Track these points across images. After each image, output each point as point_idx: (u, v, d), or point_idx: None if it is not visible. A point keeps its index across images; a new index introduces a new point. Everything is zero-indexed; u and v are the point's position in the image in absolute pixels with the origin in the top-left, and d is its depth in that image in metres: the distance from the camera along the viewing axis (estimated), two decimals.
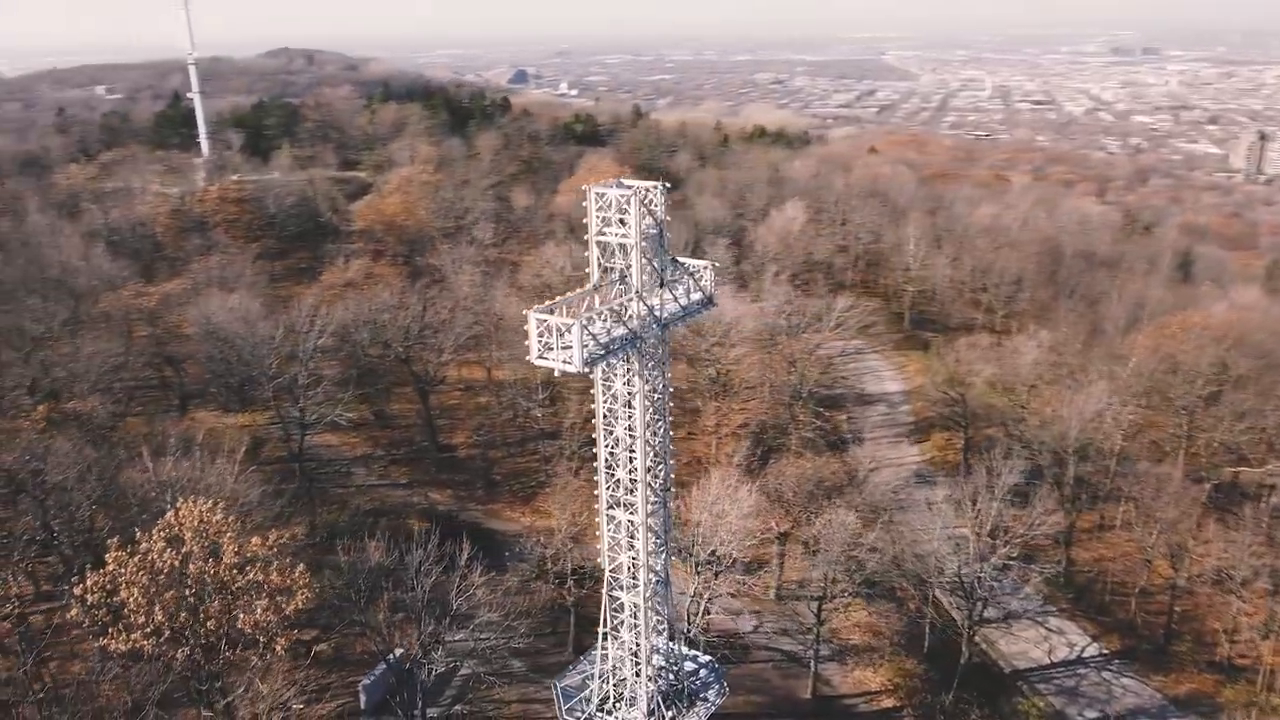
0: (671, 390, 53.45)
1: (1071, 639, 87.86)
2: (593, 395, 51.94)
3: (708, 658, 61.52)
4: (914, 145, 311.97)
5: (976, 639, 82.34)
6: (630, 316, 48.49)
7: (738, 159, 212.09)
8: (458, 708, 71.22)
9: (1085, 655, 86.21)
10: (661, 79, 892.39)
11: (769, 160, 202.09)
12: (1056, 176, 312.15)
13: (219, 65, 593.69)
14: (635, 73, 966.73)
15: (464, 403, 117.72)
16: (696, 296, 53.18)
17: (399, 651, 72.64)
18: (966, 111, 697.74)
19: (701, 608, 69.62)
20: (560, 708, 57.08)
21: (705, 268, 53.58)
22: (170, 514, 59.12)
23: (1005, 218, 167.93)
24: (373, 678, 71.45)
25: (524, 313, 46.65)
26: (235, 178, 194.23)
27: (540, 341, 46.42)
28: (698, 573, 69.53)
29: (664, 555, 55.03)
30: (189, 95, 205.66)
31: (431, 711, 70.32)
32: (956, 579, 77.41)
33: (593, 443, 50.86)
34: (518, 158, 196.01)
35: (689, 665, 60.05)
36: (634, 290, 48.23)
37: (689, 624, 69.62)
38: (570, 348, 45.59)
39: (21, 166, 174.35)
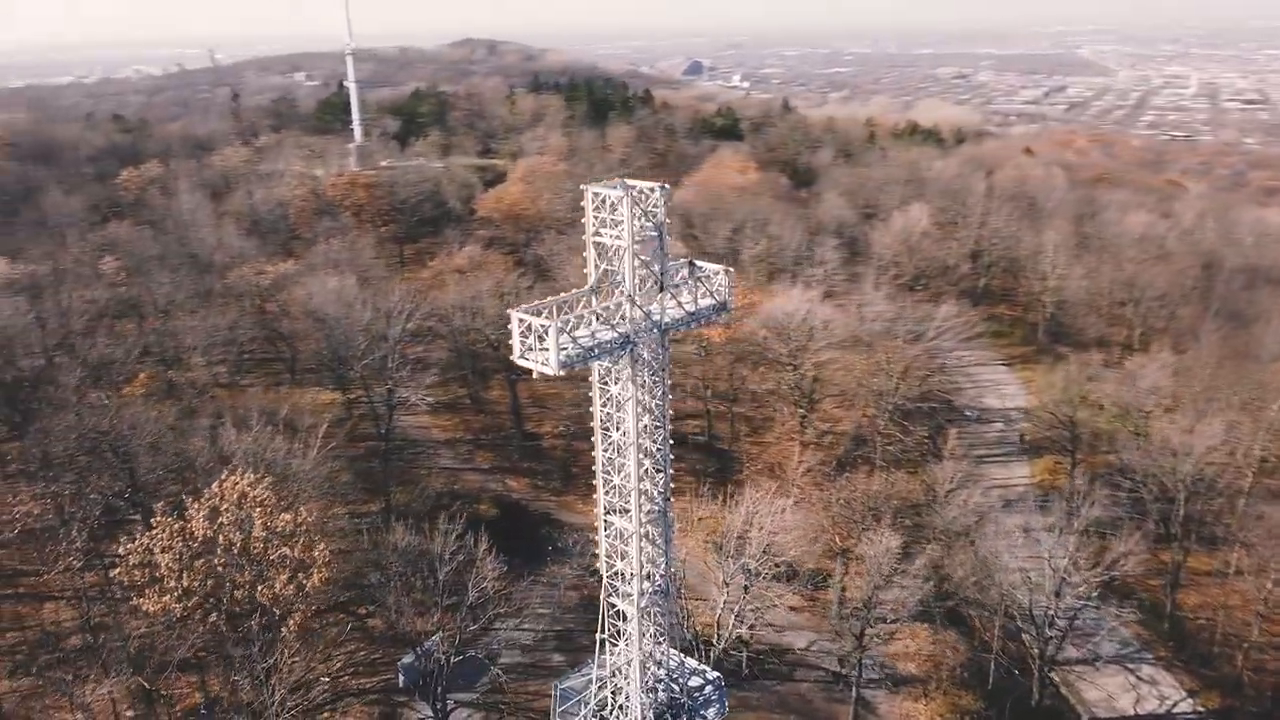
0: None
1: (1164, 690, 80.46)
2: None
3: (716, 674, 59.58)
4: (1095, 146, 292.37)
5: (1053, 680, 76.90)
6: (622, 320, 47.35)
7: (881, 157, 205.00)
8: (485, 696, 71.79)
9: (1178, 711, 78.81)
10: (837, 72, 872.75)
11: (909, 159, 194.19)
12: (1258, 183, 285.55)
13: (407, 54, 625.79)
14: (811, 66, 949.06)
15: (561, 392, 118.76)
16: (707, 302, 51.45)
17: (439, 635, 74.16)
18: (1166, 110, 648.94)
19: (731, 622, 67.53)
20: (555, 708, 56.67)
21: (720, 272, 51.70)
22: (215, 485, 62.29)
23: (1161, 227, 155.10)
24: (411, 658, 73.08)
25: (510, 311, 46.36)
26: (386, 163, 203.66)
27: (522, 341, 46.01)
28: (726, 584, 67.51)
29: (664, 565, 53.61)
30: (346, 84, 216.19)
31: (465, 696, 71.52)
32: (1027, 612, 72.38)
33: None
34: (652, 150, 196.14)
35: (695, 680, 58.38)
36: (626, 293, 47.09)
37: (718, 637, 67.84)
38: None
39: (192, 148, 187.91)
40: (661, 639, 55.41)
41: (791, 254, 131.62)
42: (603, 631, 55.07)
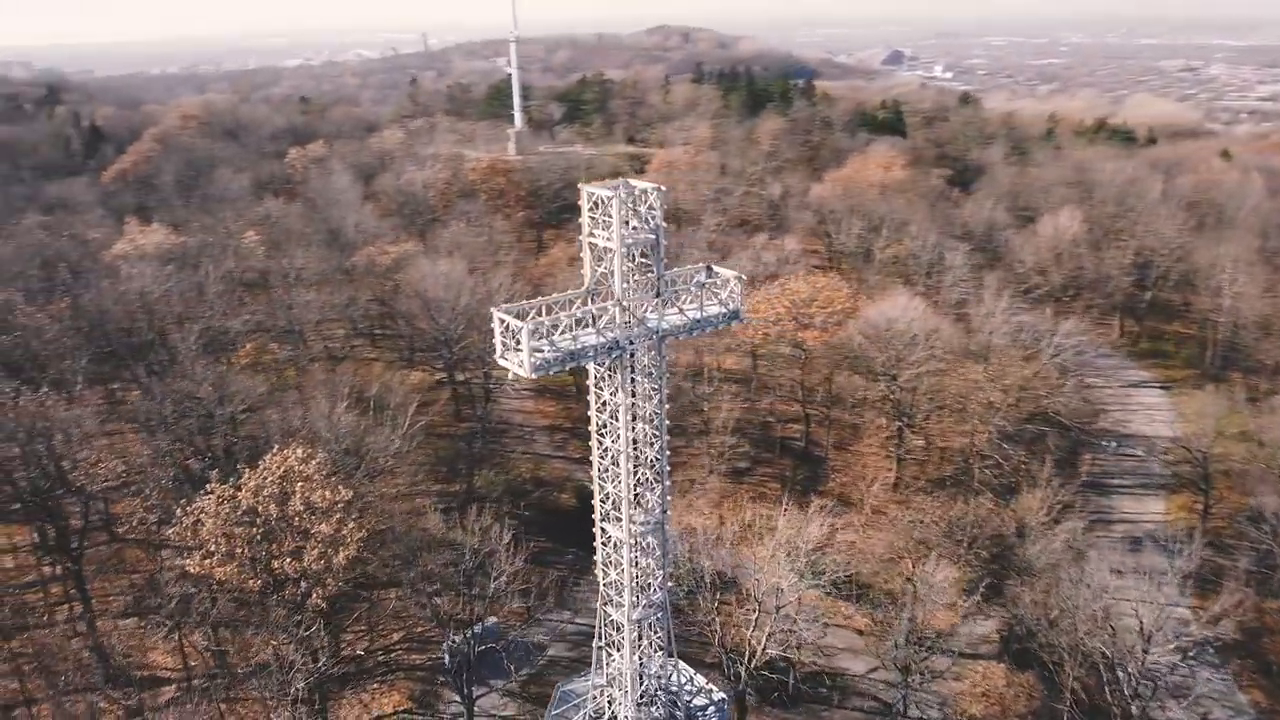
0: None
1: None
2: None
3: (721, 695, 57.42)
4: None
5: None
6: (612, 324, 45.88)
7: (1054, 157, 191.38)
8: (522, 686, 72.03)
9: None
10: (1049, 64, 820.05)
11: (1083, 159, 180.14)
12: None
13: (603, 40, 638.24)
14: (1021, 56, 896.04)
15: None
16: (715, 310, 49.20)
17: (490, 620, 75.14)
18: None
19: (764, 639, 64.82)
20: (551, 710, 56.21)
21: (732, 279, 49.34)
22: (268, 457, 65.21)
23: None
24: (456, 641, 74.27)
25: (493, 310, 45.80)
26: (543, 149, 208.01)
27: (503, 341, 45.36)
28: (759, 602, 64.83)
29: (661, 578, 51.87)
30: (507, 70, 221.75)
31: (499, 683, 71.99)
32: (1111, 661, 66.19)
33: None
34: (805, 143, 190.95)
35: (699, 700, 56.42)
36: (615, 297, 45.58)
37: (747, 657, 65.29)
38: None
39: (365, 130, 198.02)
40: (660, 651, 53.83)
41: (924, 257, 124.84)
42: (600, 639, 54.09)
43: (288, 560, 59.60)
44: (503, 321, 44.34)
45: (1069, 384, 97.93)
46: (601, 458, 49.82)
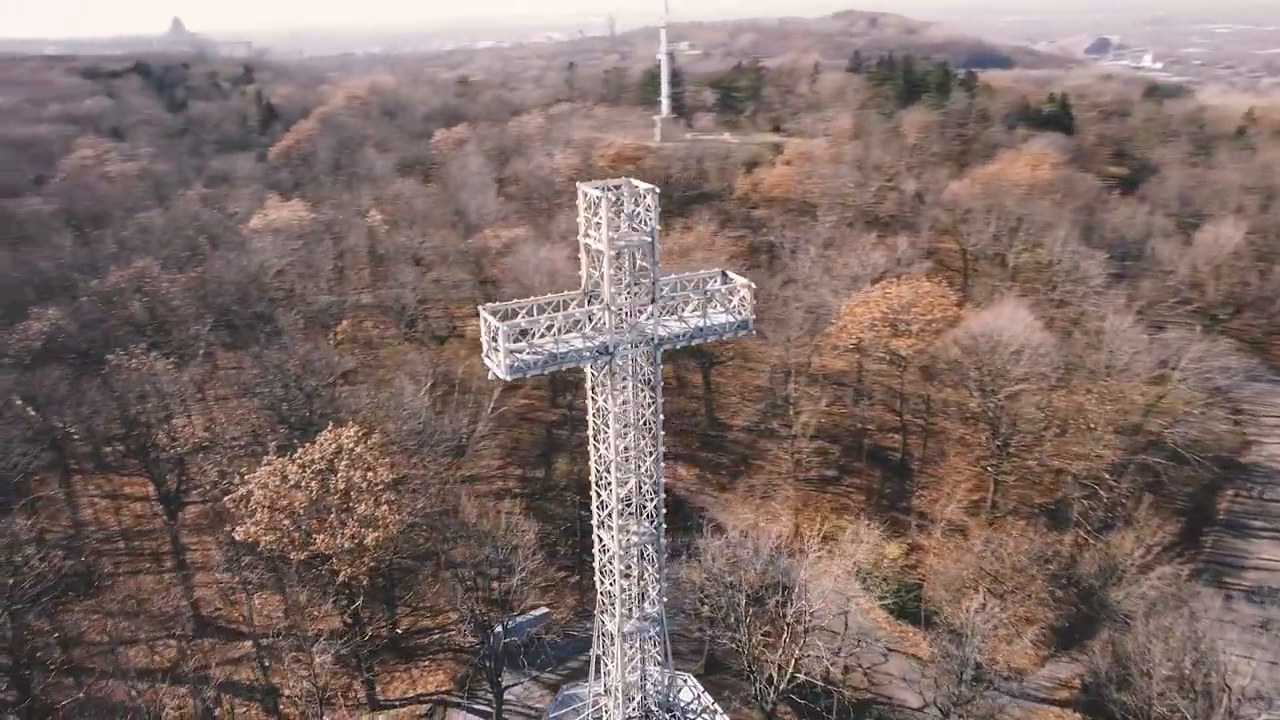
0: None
1: None
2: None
3: (724, 716, 55.07)
4: None
5: None
6: (601, 329, 44.40)
7: (1239, 158, 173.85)
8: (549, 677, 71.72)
9: None
10: (1277, 55, 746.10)
11: (1270, 161, 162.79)
12: None
13: (786, 25, 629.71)
14: (1246, 44, 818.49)
15: (767, 384, 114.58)
16: (723, 319, 46.90)
17: (539, 611, 75.41)
18: None
19: (791, 665, 61.85)
20: (550, 712, 55.52)
21: (742, 288, 46.95)
22: (323, 433, 67.35)
23: None
24: (502, 629, 74.74)
25: (479, 308, 45.17)
26: (689, 136, 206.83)
27: (489, 341, 44.67)
28: (787, 624, 61.85)
29: (656, 591, 50.17)
30: (657, 56, 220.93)
31: (533, 674, 71.82)
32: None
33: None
34: (958, 136, 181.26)
35: (704, 718, 54.38)
36: (605, 301, 44.06)
37: (778, 678, 62.46)
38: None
39: (510, 114, 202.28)
40: (655, 664, 52.22)
41: (1062, 264, 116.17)
42: (597, 647, 53.02)
43: (321, 537, 61.19)
44: (487, 320, 43.72)
45: (1206, 410, 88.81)
46: (597, 464, 48.60)
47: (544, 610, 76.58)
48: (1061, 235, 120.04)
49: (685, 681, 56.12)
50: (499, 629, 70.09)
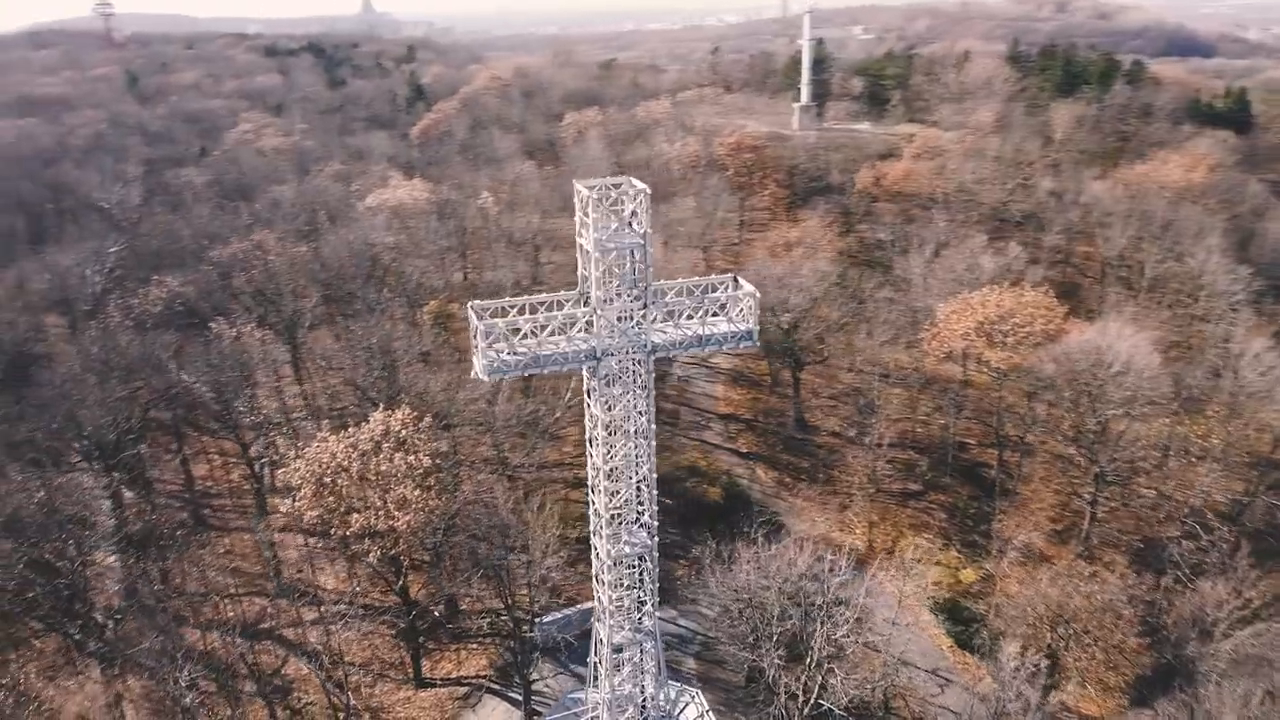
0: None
1: None
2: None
3: None
4: None
5: None
6: (590, 332, 42.96)
7: None
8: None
9: None
10: None
11: None
12: None
13: (968, 9, 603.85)
14: None
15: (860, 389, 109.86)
16: (724, 328, 44.61)
17: (587, 605, 74.87)
18: None
19: (815, 690, 58.93)
20: (550, 715, 54.72)
21: (746, 296, 44.56)
22: (374, 414, 68.76)
23: None
24: (547, 620, 74.66)
25: (468, 305, 44.47)
26: (827, 124, 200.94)
27: (474, 339, 43.91)
28: (812, 646, 58.86)
29: (648, 605, 48.45)
30: (799, 42, 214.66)
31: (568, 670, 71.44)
32: None
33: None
34: (1117, 133, 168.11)
35: None
36: (593, 305, 42.58)
37: (801, 701, 59.67)
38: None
39: (643, 98, 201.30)
40: (647, 678, 50.62)
41: (1205, 279, 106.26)
42: (594, 654, 51.91)
43: (354, 516, 62.47)
44: (471, 317, 43.05)
45: None
46: (591, 471, 47.32)
47: (591, 605, 75.99)
48: (1210, 245, 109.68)
49: (693, 697, 54.36)
50: (535, 621, 70.33)
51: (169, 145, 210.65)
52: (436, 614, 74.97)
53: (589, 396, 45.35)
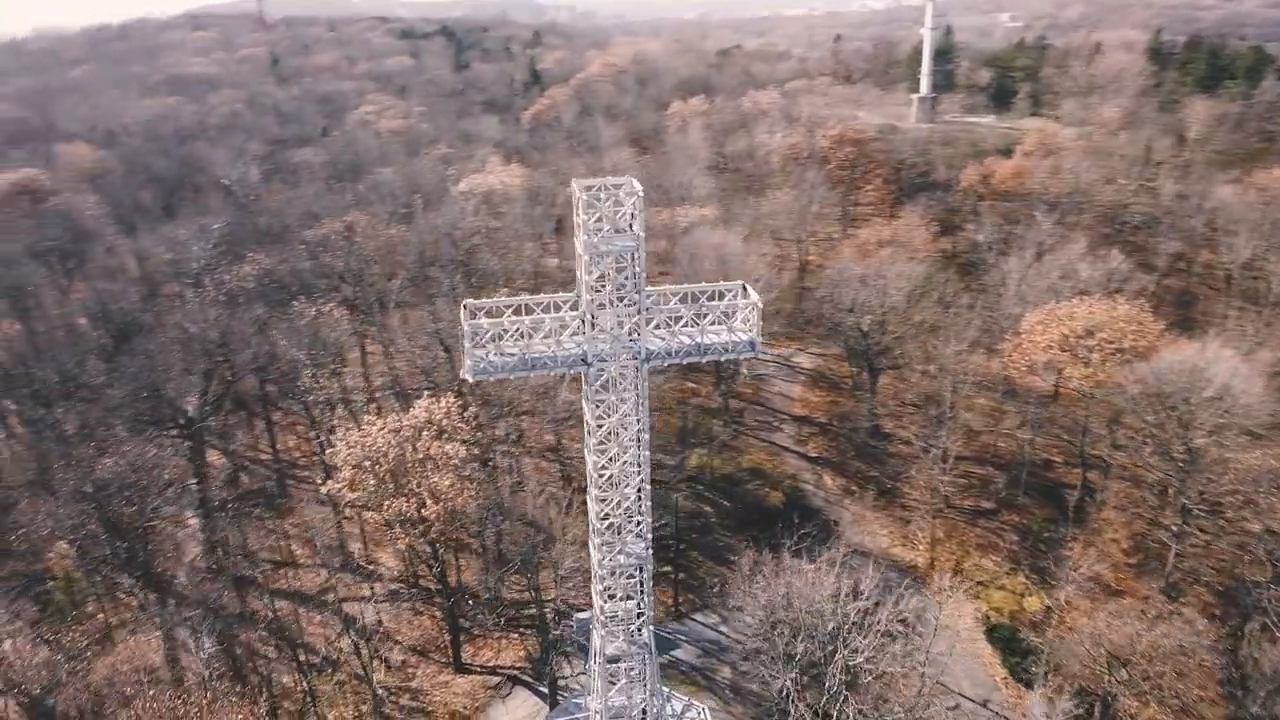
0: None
1: None
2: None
3: None
4: None
5: None
6: (580, 336, 41.77)
7: None
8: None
9: None
10: None
11: None
12: None
13: None
14: None
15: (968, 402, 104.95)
16: (724, 337, 42.73)
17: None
18: None
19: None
20: (551, 717, 54.02)
21: (749, 307, 42.56)
22: (419, 402, 69.58)
23: None
24: (583, 617, 74.14)
25: (463, 303, 43.85)
26: (947, 117, 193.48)
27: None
28: (834, 672, 56.29)
29: (645, 616, 47.00)
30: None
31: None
32: None
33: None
34: (1259, 132, 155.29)
35: None
36: (582, 308, 41.34)
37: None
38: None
39: (753, 87, 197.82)
40: (643, 692, 49.27)
41: None
42: (592, 661, 50.95)
43: (387, 502, 63.27)
44: (461, 315, 42.49)
45: None
46: (589, 479, 46.20)
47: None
48: None
49: (700, 713, 52.83)
50: (567, 617, 69.91)
51: (297, 125, 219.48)
52: (471, 602, 75.35)
53: (585, 402, 44.26)
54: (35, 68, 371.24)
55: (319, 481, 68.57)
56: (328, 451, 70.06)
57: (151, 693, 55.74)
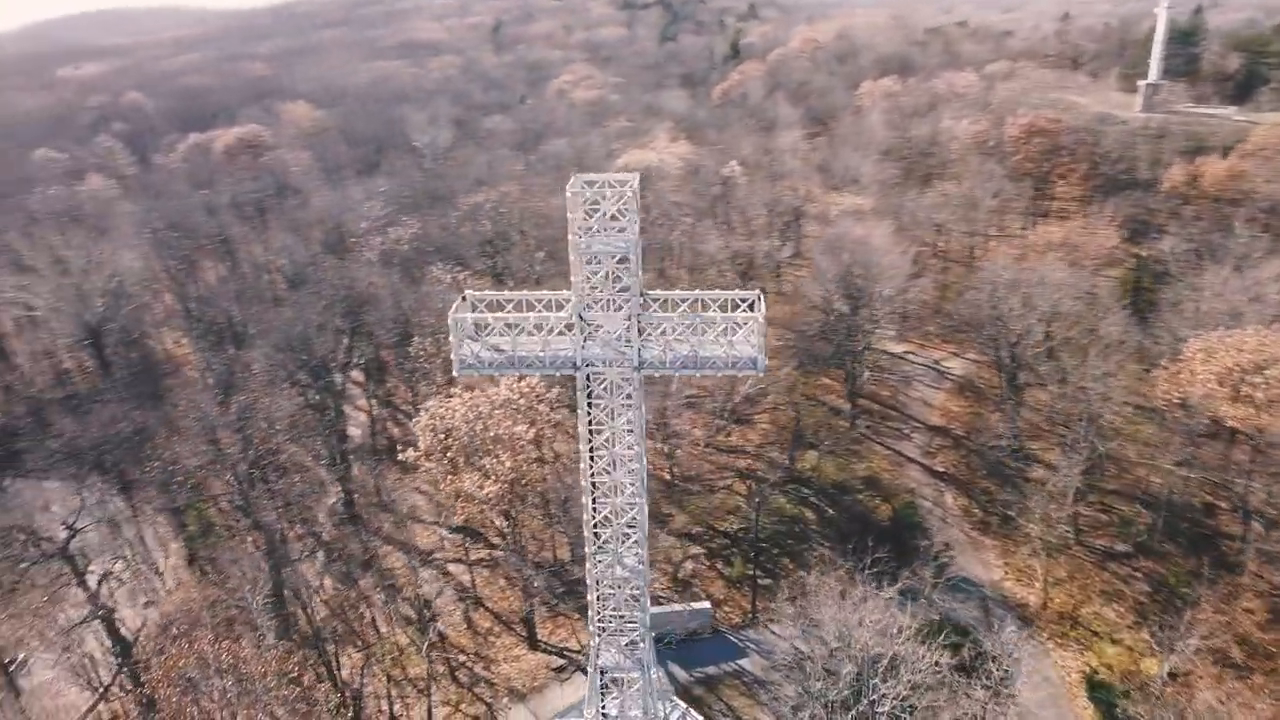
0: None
1: None
2: None
3: None
4: None
5: None
6: (572, 339, 40.04)
7: None
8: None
9: None
10: None
11: None
12: None
13: None
14: None
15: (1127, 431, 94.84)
16: (724, 351, 39.82)
17: (700, 605, 72.74)
18: None
19: None
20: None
21: (751, 320, 39.50)
22: (503, 381, 70.24)
23: None
24: (651, 611, 72.81)
25: (463, 294, 42.99)
26: (1182, 107, 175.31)
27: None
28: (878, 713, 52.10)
29: (637, 634, 44.92)
30: (1156, 10, 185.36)
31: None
32: None
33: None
34: None
35: None
36: (574, 310, 39.54)
37: None
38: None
39: (954, 68, 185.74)
40: (636, 708, 47.37)
41: None
42: (590, 663, 49.62)
43: (452, 476, 64.28)
44: (457, 309, 41.80)
45: None
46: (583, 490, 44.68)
47: (705, 605, 73.22)
48: None
49: None
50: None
51: (499, 92, 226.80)
52: (544, 581, 75.46)
53: (578, 407, 42.70)
54: (292, 30, 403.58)
55: (400, 450, 70.46)
56: (412, 421, 71.88)
57: None
